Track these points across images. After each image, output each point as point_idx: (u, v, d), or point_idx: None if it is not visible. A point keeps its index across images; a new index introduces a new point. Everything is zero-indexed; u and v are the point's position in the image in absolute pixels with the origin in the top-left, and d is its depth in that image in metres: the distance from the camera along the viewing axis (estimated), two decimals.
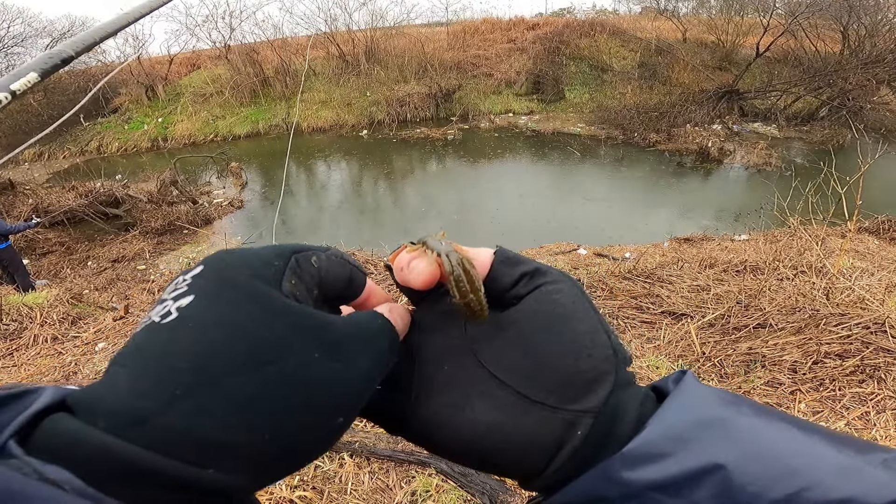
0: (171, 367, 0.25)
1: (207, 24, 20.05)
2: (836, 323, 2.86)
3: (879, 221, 7.23)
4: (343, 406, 0.29)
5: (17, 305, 4.19)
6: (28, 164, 16.74)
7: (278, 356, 0.27)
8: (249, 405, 0.26)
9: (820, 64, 16.60)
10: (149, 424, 0.24)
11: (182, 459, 0.23)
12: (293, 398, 0.27)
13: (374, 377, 0.32)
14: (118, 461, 0.23)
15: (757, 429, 0.29)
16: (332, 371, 0.29)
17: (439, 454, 0.36)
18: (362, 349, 0.31)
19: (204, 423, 0.24)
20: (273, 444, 0.26)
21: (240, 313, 0.27)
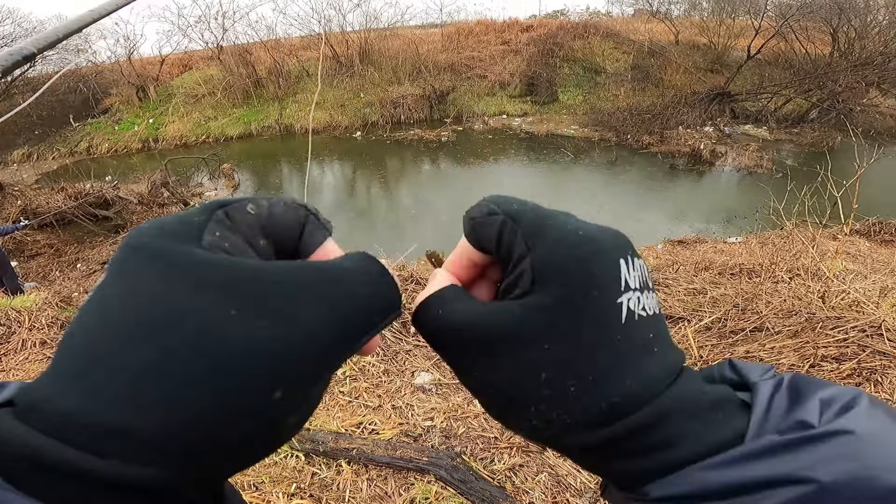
0: (70, 349, 0.23)
1: (200, 25, 19.94)
2: (832, 326, 2.88)
3: (870, 223, 7.31)
4: (276, 375, 0.23)
5: (5, 309, 4.11)
6: (17, 165, 16.54)
7: (179, 319, 0.22)
8: (142, 379, 0.22)
9: (810, 66, 16.81)
10: (46, 406, 0.22)
11: (81, 447, 0.21)
12: (197, 367, 0.22)
13: (330, 334, 0.25)
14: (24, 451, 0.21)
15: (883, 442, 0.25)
16: (254, 329, 0.23)
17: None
18: (309, 299, 0.25)
19: (98, 406, 0.21)
20: (181, 425, 0.22)
21: (137, 278, 0.24)
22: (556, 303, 0.28)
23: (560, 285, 0.28)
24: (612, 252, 0.30)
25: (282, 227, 0.28)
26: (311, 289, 0.25)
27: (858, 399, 0.27)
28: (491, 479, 2.31)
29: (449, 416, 2.71)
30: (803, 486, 0.24)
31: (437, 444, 2.52)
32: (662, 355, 0.30)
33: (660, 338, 0.30)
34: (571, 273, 0.29)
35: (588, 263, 0.29)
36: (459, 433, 2.59)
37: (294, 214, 0.29)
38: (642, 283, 0.30)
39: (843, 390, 0.28)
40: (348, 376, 3.00)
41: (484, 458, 2.46)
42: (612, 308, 0.28)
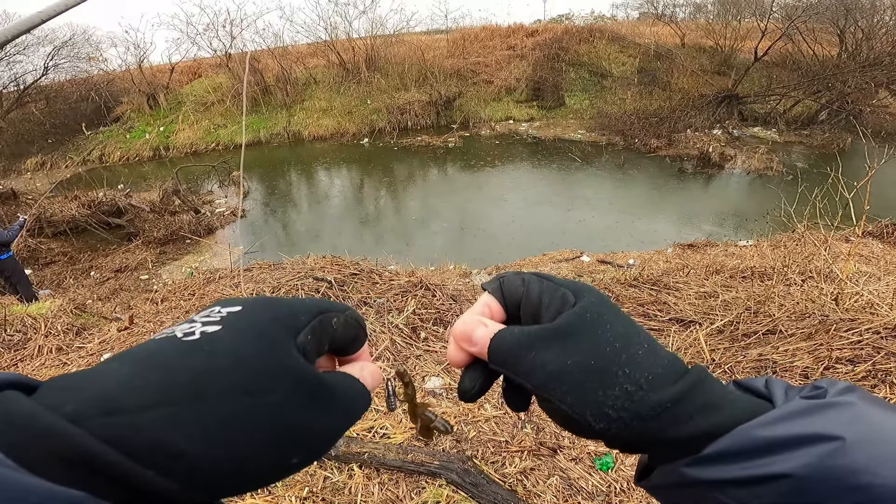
0: (171, 378, 0.28)
1: (208, 33, 20.18)
2: (846, 328, 2.85)
3: (883, 225, 7.22)
4: (302, 448, 0.32)
5: (21, 316, 4.18)
6: (30, 173, 16.79)
7: (265, 392, 0.30)
8: (219, 425, 0.27)
9: (818, 67, 16.68)
10: (118, 417, 0.25)
11: (130, 456, 0.24)
12: (261, 429, 0.29)
13: (339, 430, 0.35)
14: (61, 444, 0.23)
15: (876, 416, 0.32)
16: (305, 416, 0.31)
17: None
18: (339, 406, 0.35)
19: (170, 430, 0.26)
20: (225, 464, 0.27)
21: (248, 349, 0.31)
22: (599, 300, 0.39)
23: (593, 294, 0.39)
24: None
25: (339, 340, 0.39)
26: (340, 400, 0.35)
27: (853, 387, 0.35)
28: (502, 483, 2.31)
29: (460, 420, 2.71)
30: (834, 443, 0.30)
31: (448, 448, 2.52)
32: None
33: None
34: (596, 293, 0.40)
35: (600, 293, 0.40)
36: (470, 437, 2.59)
37: (349, 334, 0.40)
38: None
39: (840, 381, 0.36)
40: None
41: (495, 461, 2.45)
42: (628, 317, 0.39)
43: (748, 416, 0.34)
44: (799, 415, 0.32)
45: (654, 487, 0.38)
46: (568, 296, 0.39)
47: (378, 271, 4.66)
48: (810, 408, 0.33)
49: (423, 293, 4.15)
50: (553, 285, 0.40)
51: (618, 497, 2.24)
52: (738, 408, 0.35)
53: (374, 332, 3.57)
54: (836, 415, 0.32)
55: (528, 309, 0.41)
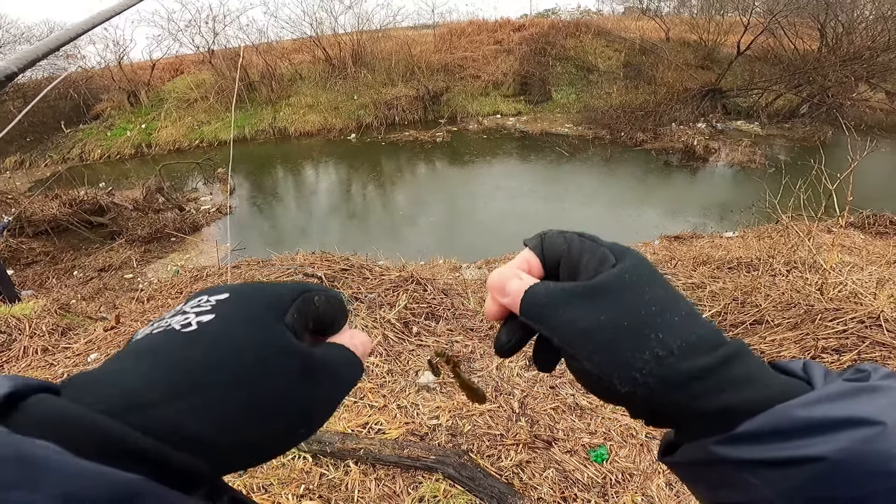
0: (183, 369, 0.31)
1: (190, 29, 19.82)
2: (831, 318, 2.91)
3: (865, 216, 7.37)
4: (306, 418, 0.35)
5: (5, 317, 4.09)
6: (9, 172, 16.39)
7: (264, 372, 0.32)
8: (229, 409, 0.30)
9: (799, 62, 16.93)
10: (147, 411, 0.28)
11: (164, 441, 0.27)
12: (265, 406, 0.32)
13: (338, 398, 0.38)
14: (111, 440, 0.26)
15: None
16: (303, 389, 0.34)
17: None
18: (333, 377, 0.37)
19: (191, 421, 0.29)
20: (243, 441, 0.31)
21: (243, 333, 0.33)
22: (639, 262, 0.38)
23: (635, 257, 0.39)
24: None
25: (323, 317, 0.40)
26: (333, 370, 0.38)
27: (893, 373, 0.34)
28: (499, 476, 2.32)
29: (454, 414, 2.72)
30: (876, 427, 0.29)
31: (443, 443, 2.53)
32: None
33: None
34: (637, 255, 0.39)
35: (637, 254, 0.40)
36: (465, 431, 2.60)
37: (332, 311, 0.41)
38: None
39: (882, 367, 0.35)
40: None
41: (491, 455, 2.47)
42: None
43: (786, 396, 0.32)
44: (841, 397, 0.31)
45: (677, 464, 0.38)
46: (608, 255, 0.38)
47: (368, 266, 4.64)
48: (853, 390, 0.32)
49: (415, 288, 4.15)
50: (594, 245, 0.40)
51: (613, 488, 2.27)
52: (775, 386, 0.34)
53: (366, 327, 3.56)
54: (879, 399, 0.31)
55: (568, 267, 0.40)
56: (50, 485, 0.22)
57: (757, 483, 0.31)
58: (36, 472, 0.22)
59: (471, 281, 5.58)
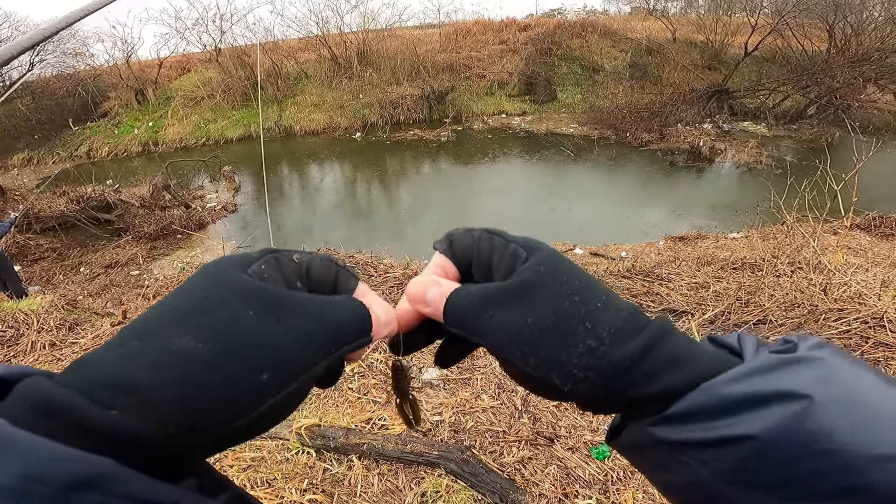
0: (133, 326, 0.30)
1: (197, 28, 19.94)
2: (835, 318, 2.90)
3: (870, 217, 7.33)
4: (268, 362, 0.30)
5: (13, 312, 4.13)
6: (17, 169, 16.52)
7: (210, 312, 0.30)
8: (162, 349, 0.28)
9: (807, 63, 16.80)
10: (84, 368, 0.28)
11: (95, 399, 0.26)
12: (207, 345, 0.29)
13: (322, 342, 0.32)
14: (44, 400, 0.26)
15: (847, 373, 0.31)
16: (262, 328, 0.30)
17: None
18: (310, 320, 0.32)
19: (120, 366, 0.28)
20: (184, 389, 0.28)
21: (195, 285, 0.32)
22: (551, 254, 0.37)
23: (544, 250, 0.38)
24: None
25: (316, 278, 0.36)
26: (308, 307, 0.33)
27: (824, 343, 0.33)
28: (501, 472, 2.33)
29: (457, 410, 2.73)
30: (801, 402, 0.29)
31: (446, 439, 2.54)
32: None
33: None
34: (547, 248, 0.38)
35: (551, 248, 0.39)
36: (468, 427, 2.61)
37: (327, 270, 0.37)
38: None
39: (812, 336, 0.35)
40: (356, 373, 3.02)
41: (493, 451, 2.48)
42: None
43: (715, 372, 0.32)
44: (767, 370, 0.31)
45: (623, 448, 0.37)
46: (519, 252, 0.37)
47: (373, 264, 4.66)
48: (780, 362, 0.31)
49: None
50: (503, 241, 0.38)
51: (614, 485, 2.28)
52: (705, 363, 0.33)
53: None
54: (805, 371, 0.30)
55: (480, 267, 0.39)
56: (8, 464, 0.22)
57: (692, 464, 0.31)
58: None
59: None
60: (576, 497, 2.16)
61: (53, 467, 0.22)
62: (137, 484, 0.24)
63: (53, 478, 0.22)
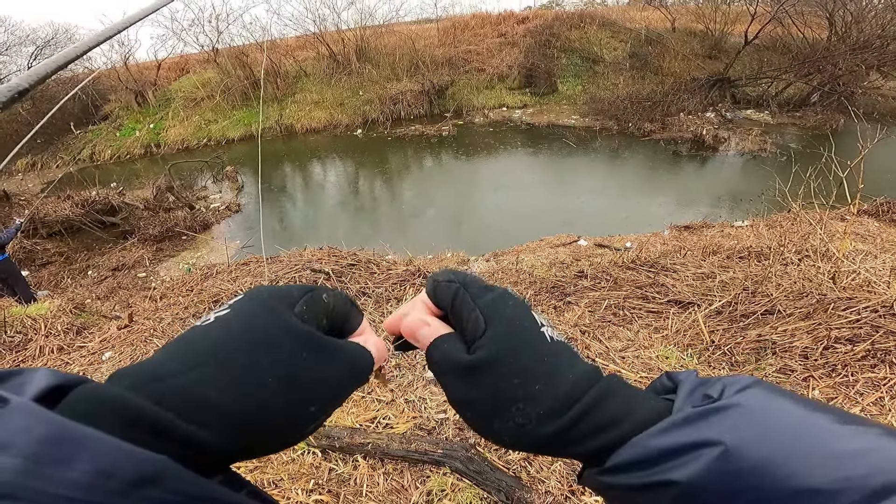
0: (196, 348, 0.35)
1: (194, 28, 19.91)
2: (844, 307, 2.86)
3: (878, 203, 7.25)
4: (316, 397, 0.37)
5: (21, 317, 4.16)
6: (21, 174, 16.61)
7: (274, 348, 0.36)
8: (241, 378, 0.34)
9: (808, 50, 16.64)
10: (162, 383, 0.32)
11: (175, 412, 0.30)
12: (276, 378, 0.35)
13: (348, 384, 0.40)
14: (121, 407, 0.29)
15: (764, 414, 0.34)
16: (313, 367, 0.37)
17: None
18: (343, 362, 0.40)
19: (203, 387, 0.32)
20: (250, 409, 0.33)
21: (255, 317, 0.37)
22: (507, 331, 0.41)
23: (503, 322, 0.42)
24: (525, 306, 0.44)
25: (336, 315, 0.44)
26: (344, 355, 0.40)
27: (755, 382, 0.37)
28: (506, 470, 2.32)
29: None
30: (716, 448, 0.33)
31: (451, 437, 2.53)
32: (584, 361, 0.42)
33: (576, 352, 0.43)
34: (507, 316, 0.42)
35: (515, 310, 0.43)
36: None
37: (344, 308, 0.45)
38: (548, 323, 0.44)
39: (745, 377, 0.39)
40: None
41: (498, 448, 2.47)
42: (540, 334, 0.42)
43: (647, 425, 0.37)
44: (685, 423, 0.35)
45: (588, 486, 0.42)
46: (480, 322, 0.42)
47: (375, 261, 4.65)
48: (697, 415, 0.35)
49: (422, 282, 4.15)
50: (471, 306, 0.43)
51: None
52: (638, 419, 0.38)
53: (373, 322, 3.58)
54: (720, 420, 0.34)
55: (454, 318, 0.45)
56: (84, 462, 0.25)
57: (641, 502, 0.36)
58: (72, 450, 0.25)
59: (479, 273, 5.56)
60: (582, 494, 2.14)
61: (122, 464, 0.26)
62: (188, 481, 0.28)
63: (122, 474, 0.25)
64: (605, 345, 3.16)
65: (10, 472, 0.23)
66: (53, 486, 0.24)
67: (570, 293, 3.96)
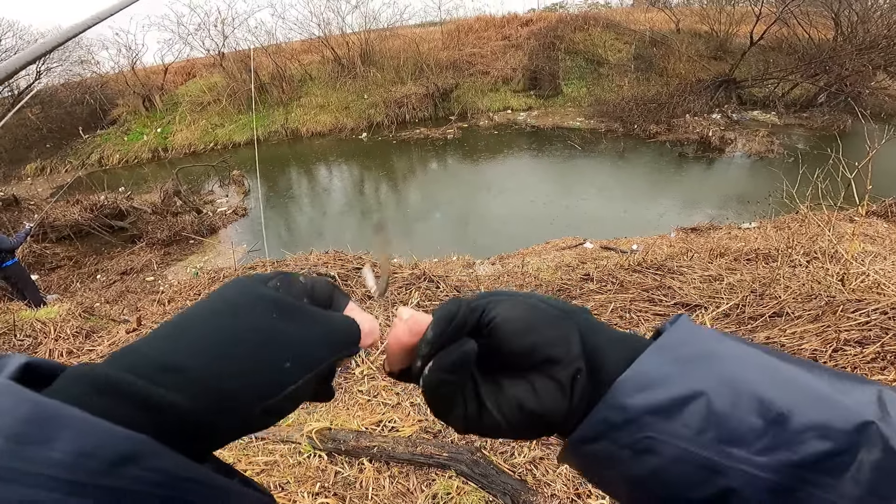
0: (172, 323, 0.35)
1: (200, 33, 20.05)
2: (853, 309, 2.84)
3: (887, 204, 7.19)
4: (290, 354, 0.36)
5: (31, 321, 4.19)
6: (31, 178, 16.78)
7: (240, 311, 0.36)
8: (206, 339, 0.34)
9: (814, 51, 16.54)
10: (136, 353, 0.32)
11: (147, 378, 0.30)
12: (244, 337, 0.35)
13: (328, 345, 0.39)
14: (94, 377, 0.30)
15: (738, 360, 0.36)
16: (285, 327, 0.36)
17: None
18: (320, 326, 0.39)
19: (171, 351, 0.33)
20: (222, 369, 0.33)
21: (226, 289, 0.38)
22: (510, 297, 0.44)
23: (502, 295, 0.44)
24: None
25: (319, 295, 0.43)
26: (316, 318, 0.39)
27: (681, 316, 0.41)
28: (512, 473, 2.31)
29: None
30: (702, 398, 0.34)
31: (456, 440, 2.53)
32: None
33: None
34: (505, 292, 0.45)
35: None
36: None
37: (326, 289, 0.44)
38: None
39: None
40: (366, 375, 3.02)
41: (504, 451, 2.46)
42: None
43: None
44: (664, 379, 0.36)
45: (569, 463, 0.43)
46: (482, 302, 0.44)
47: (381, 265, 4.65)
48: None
49: (427, 285, 4.16)
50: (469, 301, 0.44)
51: None
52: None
53: (378, 325, 3.58)
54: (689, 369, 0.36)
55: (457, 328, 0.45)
56: (65, 441, 0.25)
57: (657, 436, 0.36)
58: (52, 430, 0.25)
59: (484, 277, 5.57)
60: (588, 497, 2.13)
61: (103, 443, 0.26)
62: (170, 459, 0.28)
63: (102, 453, 0.25)
64: None
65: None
66: (36, 465, 0.24)
67: (577, 296, 3.95)
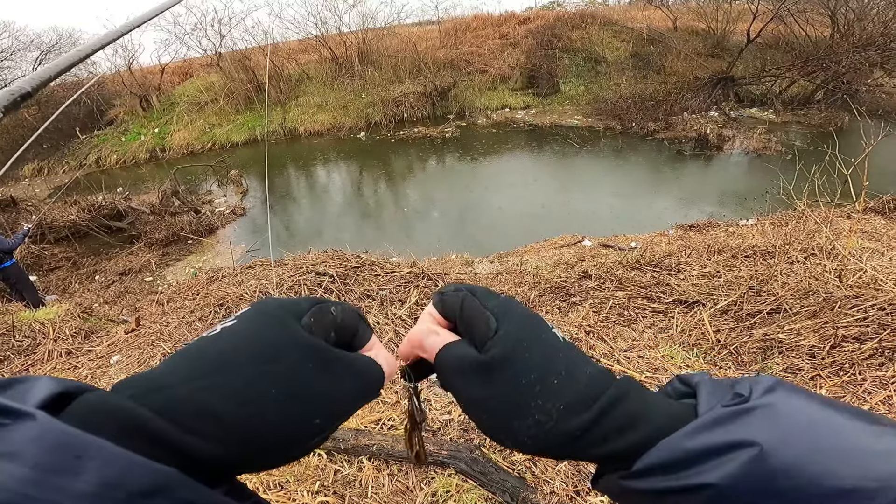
0: (201, 359, 0.34)
1: (197, 33, 20.00)
2: (851, 305, 2.85)
3: (885, 201, 7.21)
4: (322, 409, 0.36)
5: (29, 322, 4.19)
6: (28, 179, 16.72)
7: (278, 359, 0.35)
8: (244, 389, 0.33)
9: (812, 48, 16.59)
10: (163, 392, 0.32)
11: (174, 422, 0.30)
12: (280, 390, 0.34)
13: (356, 398, 0.40)
14: (123, 417, 0.29)
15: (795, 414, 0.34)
16: (319, 380, 0.36)
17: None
18: (351, 375, 0.39)
19: (204, 397, 0.32)
20: (251, 421, 0.33)
21: (261, 329, 0.37)
22: (519, 327, 0.41)
23: (514, 319, 0.42)
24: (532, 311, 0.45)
25: (345, 328, 0.43)
26: (352, 368, 0.40)
27: (778, 383, 0.37)
28: (511, 470, 2.32)
29: None
30: (751, 449, 0.32)
31: (455, 438, 2.53)
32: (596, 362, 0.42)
33: (586, 354, 0.42)
34: (518, 313, 0.43)
35: (525, 309, 0.44)
36: None
37: (353, 321, 0.44)
38: (556, 327, 0.44)
39: (767, 377, 0.38)
40: None
41: (503, 449, 2.47)
42: (552, 334, 0.42)
43: (672, 428, 0.36)
44: (718, 423, 0.35)
45: (603, 491, 0.41)
46: (491, 321, 0.42)
47: (380, 263, 4.66)
48: (729, 415, 0.35)
49: (426, 283, 4.16)
50: (481, 309, 0.43)
51: None
52: (661, 419, 0.37)
53: (377, 324, 3.58)
54: (753, 420, 0.34)
55: (463, 326, 0.45)
56: (91, 472, 0.25)
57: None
58: (79, 460, 0.25)
59: (483, 275, 5.57)
60: (587, 494, 2.14)
61: (129, 476, 0.26)
62: (194, 491, 0.28)
63: (129, 485, 0.25)
64: (610, 345, 3.16)
65: (18, 482, 0.23)
66: (61, 495, 0.24)
67: (575, 294, 3.95)
